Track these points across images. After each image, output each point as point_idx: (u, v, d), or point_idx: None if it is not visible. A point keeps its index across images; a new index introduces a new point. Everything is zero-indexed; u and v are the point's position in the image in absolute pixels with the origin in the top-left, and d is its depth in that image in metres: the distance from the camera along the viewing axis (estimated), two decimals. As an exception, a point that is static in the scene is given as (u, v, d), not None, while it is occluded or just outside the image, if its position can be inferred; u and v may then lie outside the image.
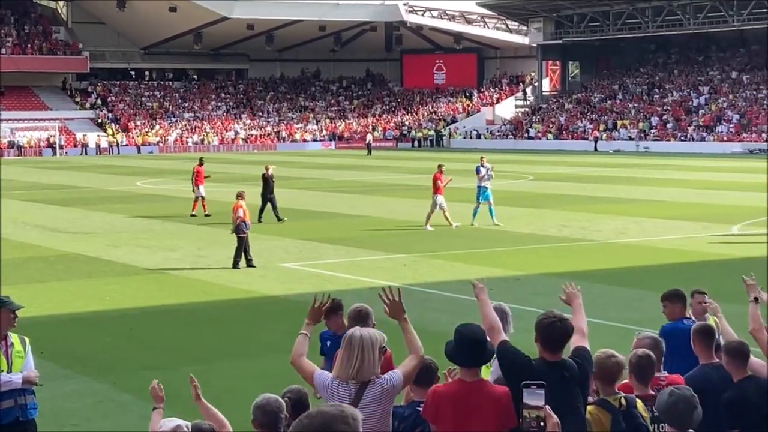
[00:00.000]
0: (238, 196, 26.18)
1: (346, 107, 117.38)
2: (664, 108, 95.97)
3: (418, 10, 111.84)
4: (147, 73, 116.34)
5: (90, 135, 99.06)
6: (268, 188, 35.50)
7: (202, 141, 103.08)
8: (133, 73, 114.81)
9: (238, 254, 25.32)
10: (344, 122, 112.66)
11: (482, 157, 35.64)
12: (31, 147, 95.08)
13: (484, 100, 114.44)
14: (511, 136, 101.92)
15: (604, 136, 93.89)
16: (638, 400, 7.33)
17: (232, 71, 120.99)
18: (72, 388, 14.67)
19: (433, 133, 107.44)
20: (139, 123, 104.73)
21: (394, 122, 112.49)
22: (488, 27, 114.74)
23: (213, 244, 29.76)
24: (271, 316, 19.58)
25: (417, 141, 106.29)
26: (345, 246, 29.08)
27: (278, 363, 15.81)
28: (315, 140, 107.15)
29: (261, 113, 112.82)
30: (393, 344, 8.04)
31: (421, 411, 7.26)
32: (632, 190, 46.57)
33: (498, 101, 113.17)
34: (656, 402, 7.18)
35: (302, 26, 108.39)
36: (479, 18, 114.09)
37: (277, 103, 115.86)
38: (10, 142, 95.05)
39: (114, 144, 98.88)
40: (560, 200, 41.89)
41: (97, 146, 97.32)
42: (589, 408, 7.21)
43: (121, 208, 40.65)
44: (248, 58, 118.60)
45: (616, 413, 7.11)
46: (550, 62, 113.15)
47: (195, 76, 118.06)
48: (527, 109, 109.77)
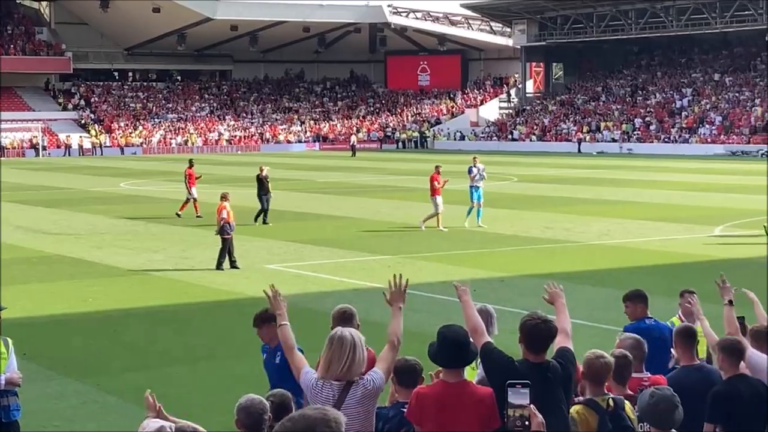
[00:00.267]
0: (223, 197, 26.14)
1: (330, 108, 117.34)
2: (647, 110, 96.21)
3: (402, 12, 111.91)
4: (130, 74, 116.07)
5: (73, 136, 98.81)
6: (263, 189, 35.40)
7: (186, 142, 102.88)
8: (116, 73, 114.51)
9: (222, 255, 25.28)
10: (328, 123, 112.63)
11: (475, 158, 35.70)
12: (13, 148, 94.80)
13: (468, 102, 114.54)
14: (495, 138, 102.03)
15: (588, 137, 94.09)
16: (627, 402, 7.34)
17: (216, 72, 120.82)
18: (55, 390, 14.63)
19: (417, 134, 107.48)
20: (122, 124, 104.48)
21: (378, 124, 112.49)
22: (472, 29, 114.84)
23: (197, 245, 29.71)
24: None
25: (401, 142, 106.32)
26: (329, 247, 29.07)
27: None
28: (299, 141, 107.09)
29: (245, 114, 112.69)
30: (379, 344, 8.03)
31: (405, 412, 7.26)
32: (616, 191, 46.66)
33: (482, 103, 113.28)
34: (638, 402, 7.20)
35: (286, 27, 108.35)
36: (463, 19, 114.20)
37: (261, 104, 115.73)
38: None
39: (97, 145, 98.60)
40: (544, 202, 41.95)
41: (80, 147, 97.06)
42: (577, 408, 7.23)
43: (104, 210, 40.55)
44: (232, 59, 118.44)
45: (603, 414, 7.12)
46: (534, 64, 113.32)
47: (178, 77, 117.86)
48: (511, 111, 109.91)
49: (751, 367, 8.42)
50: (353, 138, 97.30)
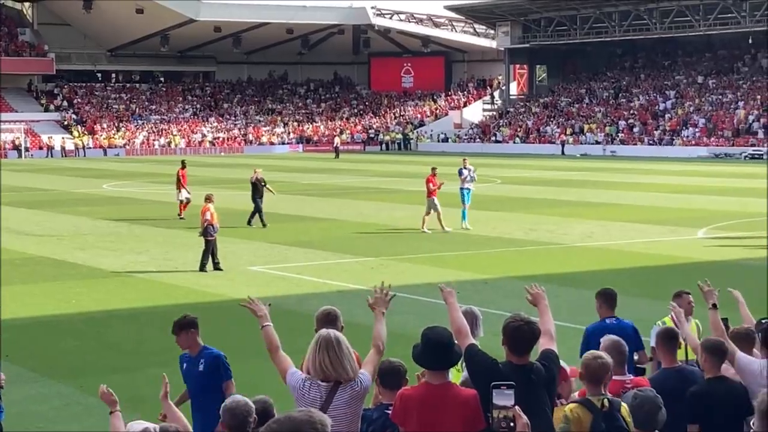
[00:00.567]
0: (207, 199, 26.13)
1: (314, 110, 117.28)
2: (630, 112, 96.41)
3: (386, 14, 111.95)
4: (113, 75, 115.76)
5: (55, 137, 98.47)
6: (257, 192, 35.29)
7: (169, 144, 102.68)
8: (99, 75, 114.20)
9: (206, 257, 25.26)
10: (312, 125, 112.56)
11: (464, 159, 35.77)
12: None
13: (452, 104, 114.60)
14: (479, 140, 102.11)
15: (571, 139, 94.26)
16: (623, 403, 7.36)
17: (199, 73, 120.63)
18: (38, 391, 14.59)
19: (400, 136, 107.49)
20: (105, 125, 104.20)
21: (361, 125, 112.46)
22: (456, 30, 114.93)
23: (180, 247, 29.67)
24: (238, 320, 19.49)
25: (385, 144, 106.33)
26: (313, 249, 29.06)
27: (245, 366, 15.78)
28: (282, 143, 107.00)
29: (228, 116, 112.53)
30: (362, 346, 8.03)
31: (389, 414, 7.27)
32: (599, 193, 46.76)
33: (465, 105, 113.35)
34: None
35: (270, 29, 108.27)
36: (447, 21, 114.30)
37: (244, 106, 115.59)
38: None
39: (80, 146, 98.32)
40: (527, 204, 42.01)
41: (63, 148, 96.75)
42: (571, 406, 7.25)
43: (87, 211, 40.46)
44: (215, 60, 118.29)
45: (598, 413, 7.13)
46: (518, 66, 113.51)
47: (162, 79, 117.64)
48: (495, 113, 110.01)
49: (739, 370, 8.44)
50: (337, 140, 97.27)
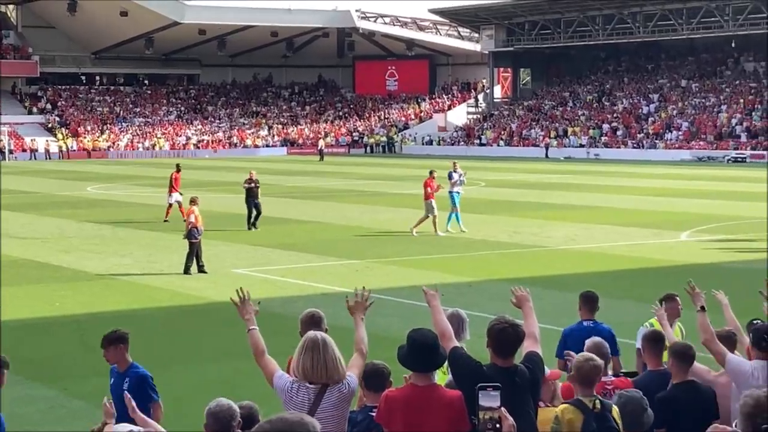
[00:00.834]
0: (191, 201, 26.12)
1: (299, 113, 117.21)
2: (614, 115, 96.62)
3: (371, 17, 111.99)
4: (98, 78, 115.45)
5: (39, 140, 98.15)
6: (251, 194, 35.18)
7: (153, 146, 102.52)
8: (83, 77, 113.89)
9: (190, 260, 25.24)
10: (296, 128, 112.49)
11: (454, 163, 35.78)
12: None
13: (436, 107, 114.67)
14: (463, 143, 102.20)
15: (555, 143, 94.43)
16: (614, 406, 7.39)
17: (184, 76, 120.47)
18: (22, 394, 14.55)
19: (385, 139, 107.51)
20: (89, 128, 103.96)
21: (346, 128, 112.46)
22: (440, 34, 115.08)
23: (164, 249, 29.64)
24: (222, 322, 19.50)
25: (369, 147, 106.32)
26: (297, 252, 29.06)
27: (229, 369, 15.79)
28: (267, 146, 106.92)
29: (212, 119, 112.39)
30: (346, 349, 8.05)
31: (374, 416, 7.29)
32: (583, 196, 46.84)
33: (450, 108, 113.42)
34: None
35: (254, 32, 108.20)
36: (431, 25, 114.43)
37: (228, 109, 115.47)
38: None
39: (64, 149, 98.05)
40: (511, 206, 42.07)
41: (47, 151, 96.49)
42: (562, 407, 7.29)
43: (71, 214, 40.37)
44: (200, 63, 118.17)
45: (589, 414, 7.17)
46: (502, 69, 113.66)
47: (146, 81, 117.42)
48: (479, 116, 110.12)
49: (730, 371, 8.49)
50: (321, 142, 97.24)
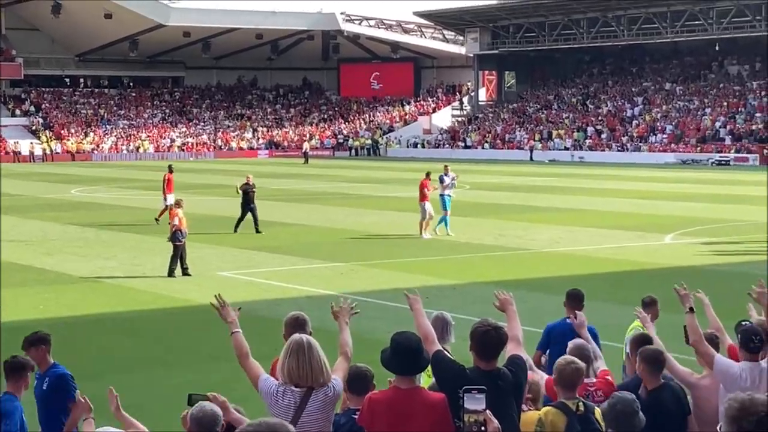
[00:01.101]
0: (176, 204, 26.09)
1: (283, 115, 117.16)
2: (598, 118, 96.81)
3: (356, 20, 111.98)
4: (82, 80, 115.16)
5: (23, 142, 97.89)
6: (247, 198, 35.08)
7: (138, 149, 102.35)
8: (67, 80, 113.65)
9: (174, 262, 25.19)
10: (281, 130, 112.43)
11: (446, 166, 35.72)
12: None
13: (421, 110, 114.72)
14: (448, 146, 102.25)
15: (540, 145, 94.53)
16: (597, 407, 7.39)
17: (168, 79, 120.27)
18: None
19: (370, 142, 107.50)
20: (73, 130, 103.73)
21: (331, 131, 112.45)
22: (425, 37, 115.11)
23: (148, 252, 29.57)
24: (206, 325, 19.45)
25: (354, 150, 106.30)
26: (282, 254, 29.04)
27: (213, 371, 15.77)
28: (251, 148, 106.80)
29: (197, 121, 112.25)
30: (331, 352, 8.04)
31: (356, 418, 7.28)
32: (567, 199, 46.91)
33: (435, 110, 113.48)
34: (600, 408, 7.29)
35: (239, 34, 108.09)
36: (416, 27, 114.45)
37: (213, 111, 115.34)
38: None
39: (48, 151, 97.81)
40: (496, 209, 42.10)
41: (31, 153, 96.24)
42: (546, 409, 7.30)
43: (54, 216, 40.25)
44: (184, 65, 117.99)
45: (573, 417, 7.17)
46: (487, 72, 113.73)
47: (130, 84, 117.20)
48: (463, 119, 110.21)
49: (718, 372, 8.50)
50: (306, 145, 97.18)
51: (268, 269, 26.41)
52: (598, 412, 7.35)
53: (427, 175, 33.80)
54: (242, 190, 35.31)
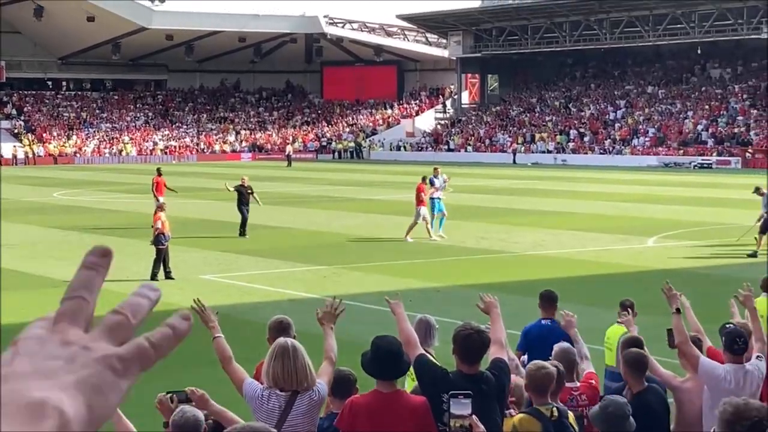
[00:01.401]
0: (159, 207, 26.04)
1: (266, 118, 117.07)
2: (581, 121, 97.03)
3: (338, 23, 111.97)
4: (64, 84, 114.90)
5: (5, 145, 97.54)
6: (242, 200, 34.91)
7: (120, 152, 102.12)
8: (50, 83, 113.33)
9: (157, 266, 25.14)
10: (264, 133, 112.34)
11: (436, 168, 35.56)
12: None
13: (404, 112, 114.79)
14: (431, 149, 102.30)
15: (523, 148, 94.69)
16: (570, 411, 7.39)
17: (151, 82, 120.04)
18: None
19: (353, 144, 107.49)
20: (55, 133, 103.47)
21: (314, 134, 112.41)
22: (408, 40, 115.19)
23: (131, 255, 29.46)
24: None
25: (337, 153, 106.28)
26: (264, 258, 29.01)
27: (196, 376, 15.74)
28: (234, 151, 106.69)
29: (180, 124, 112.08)
30: (315, 355, 8.04)
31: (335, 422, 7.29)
32: (550, 202, 46.97)
33: (418, 113, 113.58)
34: (590, 411, 7.30)
35: (222, 37, 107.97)
36: (399, 31, 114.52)
37: (196, 114, 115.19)
38: None
39: (30, 154, 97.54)
40: (479, 212, 42.12)
41: (14, 157, 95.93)
42: (520, 416, 7.29)
43: (37, 220, 40.12)
44: (167, 68, 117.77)
45: (547, 423, 7.17)
46: (470, 75, 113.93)
47: (113, 87, 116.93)
48: (447, 122, 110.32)
49: (703, 373, 8.53)
50: (289, 148, 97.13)
51: (251, 272, 26.39)
52: (571, 416, 7.35)
53: (424, 179, 33.71)
54: (237, 191, 35.11)
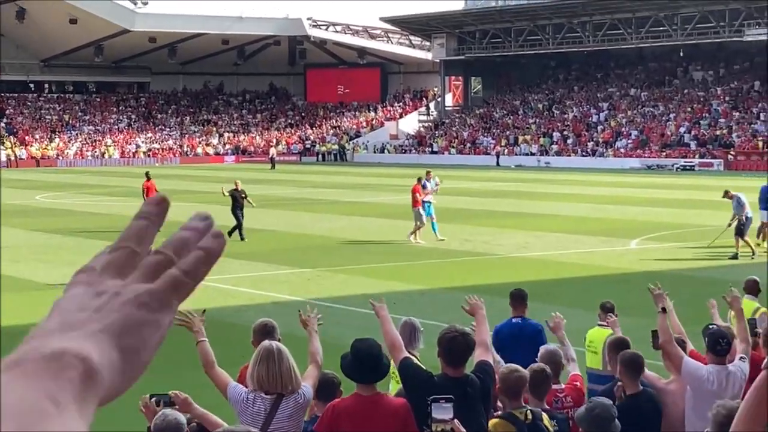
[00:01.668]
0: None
1: (250, 121, 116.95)
2: (564, 124, 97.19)
3: (322, 25, 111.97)
4: (46, 86, 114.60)
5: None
6: (237, 204, 34.80)
7: (103, 155, 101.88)
8: (32, 85, 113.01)
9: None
10: (247, 136, 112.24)
11: (428, 171, 35.62)
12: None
13: (388, 115, 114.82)
14: (415, 151, 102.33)
15: (506, 151, 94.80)
16: (544, 413, 7.41)
17: (134, 84, 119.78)
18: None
19: (336, 147, 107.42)
20: (38, 136, 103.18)
21: (297, 136, 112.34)
22: (392, 42, 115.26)
23: (114, 258, 29.39)
24: (173, 332, 19.39)
25: (321, 155, 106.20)
26: (248, 260, 28.94)
27: (179, 379, 15.71)
28: (217, 154, 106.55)
29: (163, 127, 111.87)
30: (299, 358, 8.04)
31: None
32: (534, 204, 47.02)
33: (401, 116, 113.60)
34: (576, 413, 7.31)
35: (205, 39, 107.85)
36: (383, 33, 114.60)
37: (179, 117, 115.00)
38: None
39: (12, 157, 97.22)
40: (463, 214, 42.12)
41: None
42: (494, 421, 7.27)
43: (20, 222, 39.98)
44: (150, 71, 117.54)
45: (522, 426, 7.17)
46: (453, 78, 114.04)
47: (96, 89, 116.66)
48: (430, 124, 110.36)
49: (686, 374, 8.55)
50: (272, 150, 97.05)
51: (234, 275, 26.33)
52: (546, 418, 7.36)
53: (419, 180, 33.80)
54: (231, 196, 35.03)
